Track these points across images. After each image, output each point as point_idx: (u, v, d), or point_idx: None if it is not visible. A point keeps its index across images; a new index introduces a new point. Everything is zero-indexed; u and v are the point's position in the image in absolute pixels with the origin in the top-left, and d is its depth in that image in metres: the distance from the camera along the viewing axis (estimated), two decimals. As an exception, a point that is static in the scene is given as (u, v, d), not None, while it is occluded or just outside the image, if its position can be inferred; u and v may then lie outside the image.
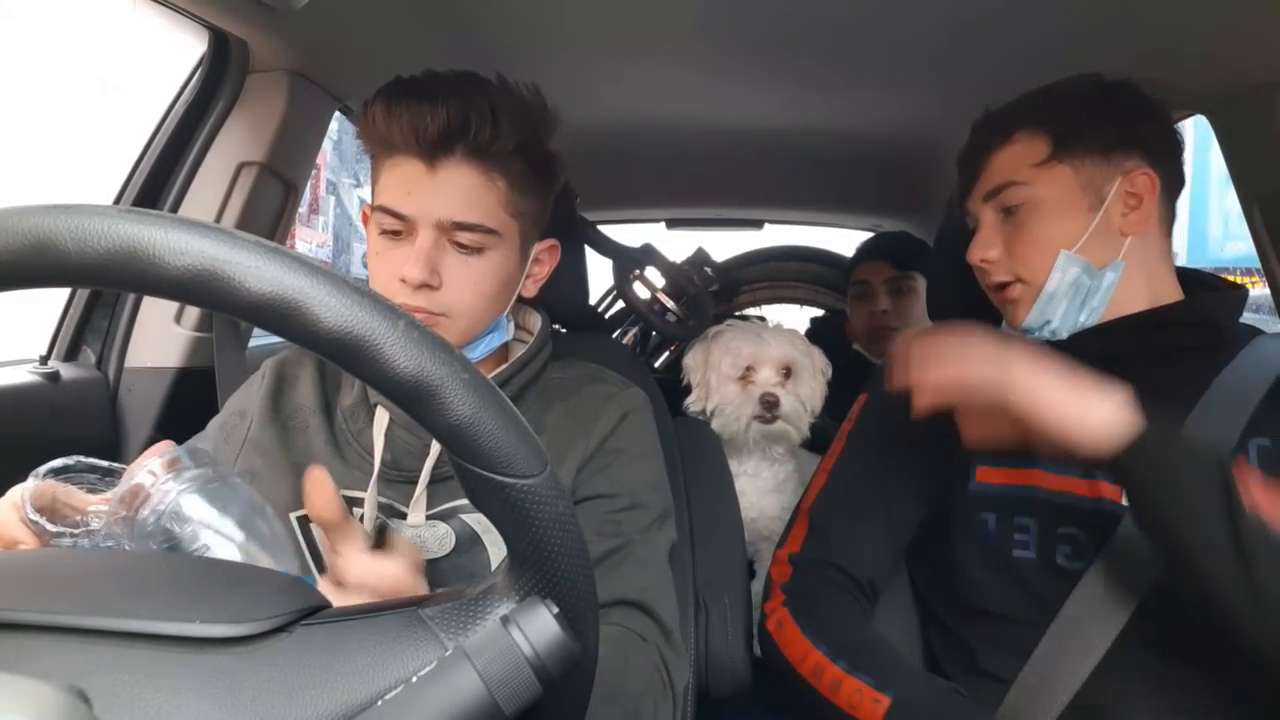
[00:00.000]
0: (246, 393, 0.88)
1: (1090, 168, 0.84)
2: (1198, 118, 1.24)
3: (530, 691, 0.35)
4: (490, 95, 0.75)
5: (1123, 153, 0.84)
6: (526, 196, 0.79)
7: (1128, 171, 0.83)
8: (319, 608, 0.39)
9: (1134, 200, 0.84)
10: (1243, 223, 1.23)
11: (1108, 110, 0.85)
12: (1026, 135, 0.86)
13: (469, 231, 0.75)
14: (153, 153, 1.18)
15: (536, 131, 0.78)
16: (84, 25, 7.04)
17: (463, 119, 0.72)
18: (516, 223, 0.79)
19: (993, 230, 0.89)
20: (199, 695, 0.34)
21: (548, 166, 0.81)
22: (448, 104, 0.72)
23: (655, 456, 0.86)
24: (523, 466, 0.35)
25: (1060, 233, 0.84)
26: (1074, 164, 0.84)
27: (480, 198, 0.75)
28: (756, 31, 1.17)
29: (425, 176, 0.74)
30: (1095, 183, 0.84)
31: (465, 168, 0.74)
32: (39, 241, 0.31)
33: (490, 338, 0.83)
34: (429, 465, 0.77)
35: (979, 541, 0.86)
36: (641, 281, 1.69)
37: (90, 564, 0.46)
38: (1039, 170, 0.85)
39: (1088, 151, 0.84)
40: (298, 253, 0.34)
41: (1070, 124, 0.84)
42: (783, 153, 1.75)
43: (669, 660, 0.73)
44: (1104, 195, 0.83)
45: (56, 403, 1.11)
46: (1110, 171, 0.84)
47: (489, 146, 0.74)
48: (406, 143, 0.73)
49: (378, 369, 0.33)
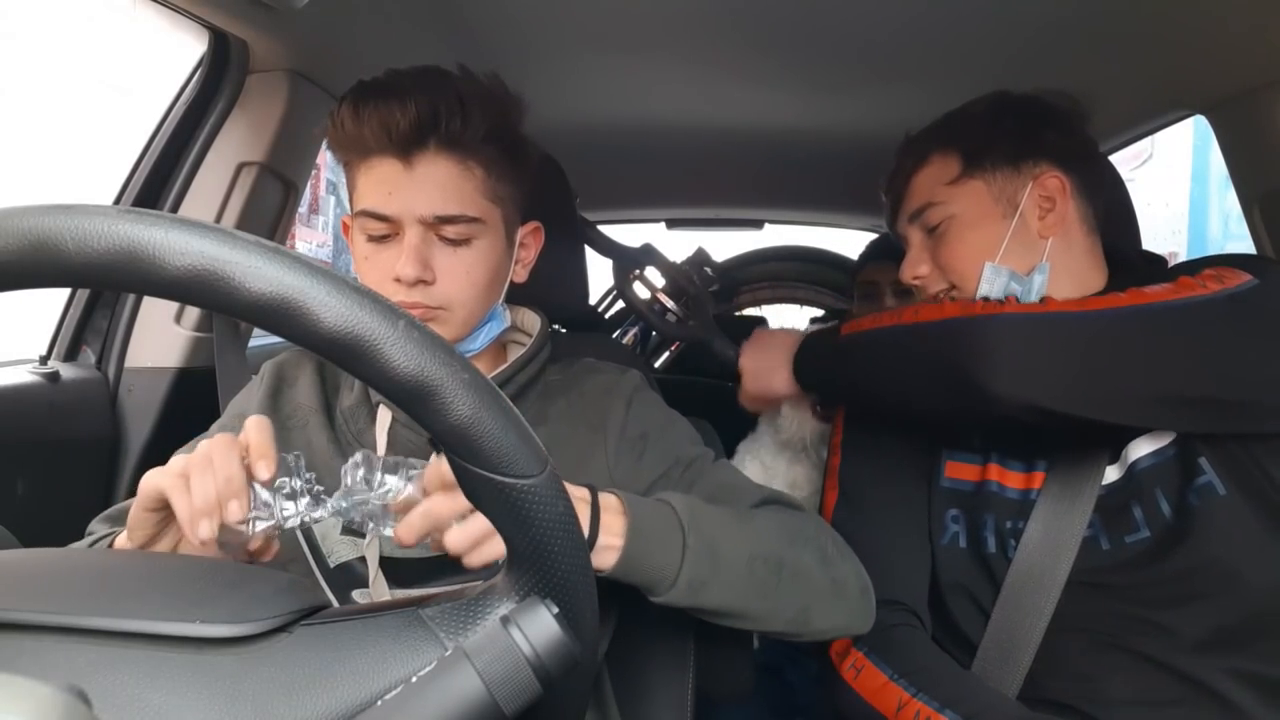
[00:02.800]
0: (246, 395, 0.89)
1: (1001, 179, 0.88)
2: (1198, 118, 1.25)
3: (530, 691, 0.35)
4: (456, 85, 0.75)
5: (1030, 160, 0.87)
6: (504, 181, 0.79)
7: (1037, 177, 0.87)
8: (319, 608, 0.39)
9: (1048, 203, 0.87)
10: (1243, 223, 1.23)
11: (1010, 123, 0.89)
12: (940, 156, 0.91)
13: (454, 224, 0.75)
14: (153, 153, 1.18)
15: (505, 115, 0.78)
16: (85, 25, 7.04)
17: (432, 112, 0.72)
18: (498, 208, 0.79)
19: (920, 249, 0.94)
20: (199, 695, 0.34)
21: (521, 150, 0.82)
22: (415, 99, 0.72)
23: (676, 418, 0.88)
24: (523, 467, 0.35)
25: (981, 243, 0.88)
26: (985, 177, 0.88)
27: (459, 188, 0.75)
28: (756, 31, 1.17)
29: (403, 174, 0.74)
30: (1008, 192, 0.88)
31: (441, 160, 0.74)
32: (39, 241, 0.31)
33: (489, 327, 0.84)
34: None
35: (947, 537, 0.89)
36: (641, 281, 1.69)
37: (90, 564, 0.46)
38: (953, 188, 0.90)
39: (996, 164, 0.88)
40: (298, 253, 0.34)
41: (977, 140, 0.89)
42: (783, 153, 1.75)
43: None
44: (1017, 202, 0.87)
45: (56, 403, 1.11)
46: (1020, 179, 0.87)
47: (461, 136, 0.74)
48: (379, 143, 0.73)
49: (378, 369, 0.33)
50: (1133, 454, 0.81)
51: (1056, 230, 0.87)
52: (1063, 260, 0.87)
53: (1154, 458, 0.79)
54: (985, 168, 0.88)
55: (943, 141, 0.92)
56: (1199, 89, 1.16)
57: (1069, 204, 0.87)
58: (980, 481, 0.88)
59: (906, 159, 0.95)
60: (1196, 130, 1.36)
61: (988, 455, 0.88)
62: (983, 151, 0.88)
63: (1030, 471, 0.86)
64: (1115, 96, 1.31)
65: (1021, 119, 0.89)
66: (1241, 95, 1.11)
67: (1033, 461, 0.86)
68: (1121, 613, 0.78)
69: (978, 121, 0.91)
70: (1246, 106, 1.11)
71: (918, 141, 0.95)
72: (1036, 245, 0.87)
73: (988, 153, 0.88)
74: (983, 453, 0.89)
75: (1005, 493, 0.86)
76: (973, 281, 0.88)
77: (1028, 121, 0.89)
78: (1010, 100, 0.92)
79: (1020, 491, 0.86)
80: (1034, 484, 0.85)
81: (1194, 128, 1.17)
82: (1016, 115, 0.90)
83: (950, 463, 0.91)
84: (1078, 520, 0.80)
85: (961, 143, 0.90)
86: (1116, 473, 0.81)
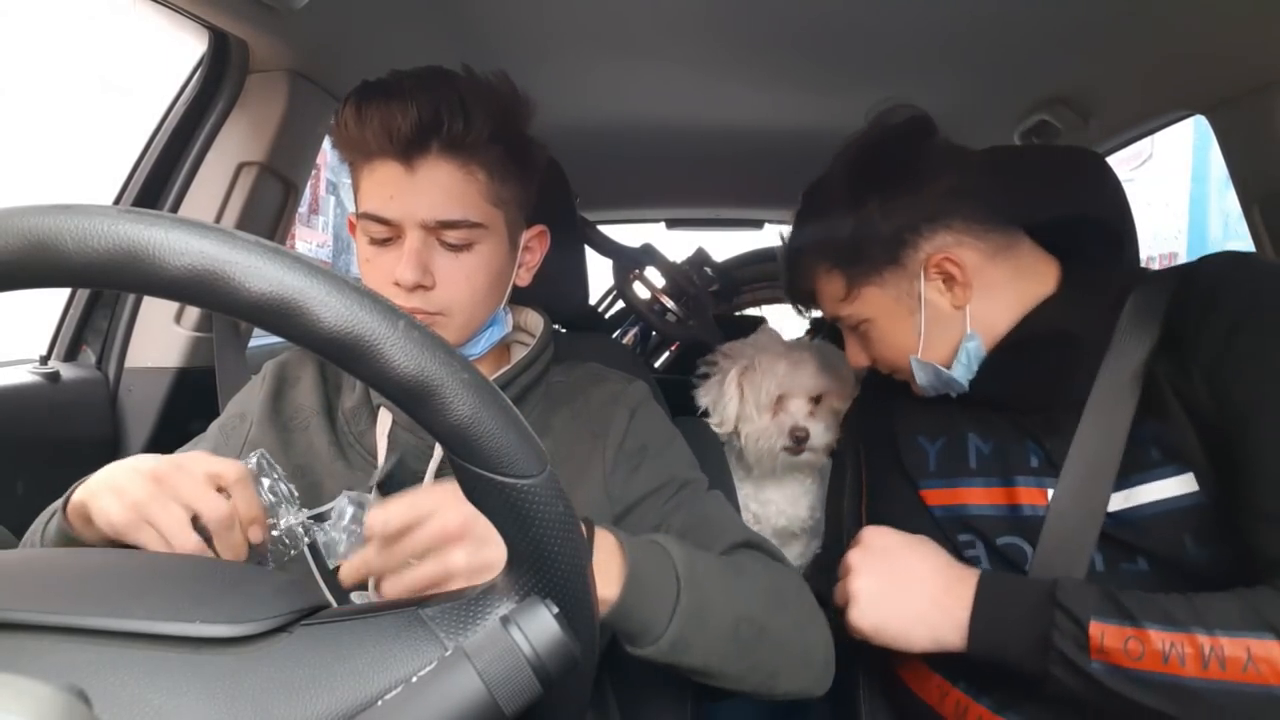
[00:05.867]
0: (247, 394, 0.88)
1: (891, 279, 0.84)
2: (1198, 118, 1.25)
3: (530, 691, 0.35)
4: (458, 87, 0.74)
5: (909, 249, 0.82)
6: (508, 184, 0.78)
7: (925, 264, 0.82)
8: (319, 608, 0.39)
9: (949, 280, 0.83)
10: (1243, 223, 1.23)
11: (873, 219, 0.82)
12: (824, 274, 0.88)
13: (455, 229, 0.75)
14: (153, 153, 1.18)
15: (509, 117, 0.77)
16: (86, 25, 7.04)
17: (433, 114, 0.72)
18: (501, 212, 0.78)
19: (853, 344, 0.92)
20: (199, 695, 0.34)
21: (526, 151, 0.81)
22: (416, 101, 0.71)
23: (677, 437, 0.88)
24: (522, 466, 0.35)
25: (901, 339, 0.86)
26: (876, 283, 0.84)
27: (461, 193, 0.75)
28: (756, 31, 1.17)
29: (404, 178, 0.73)
30: (903, 288, 0.84)
31: (443, 164, 0.74)
32: (39, 241, 0.31)
33: (490, 332, 0.83)
34: (433, 467, 0.77)
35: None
36: (641, 281, 1.69)
37: (90, 564, 0.46)
38: (850, 302, 0.87)
39: (879, 269, 0.84)
40: (298, 253, 0.34)
41: (846, 254, 0.85)
42: (783, 153, 1.74)
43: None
44: (917, 293, 0.83)
45: (56, 403, 1.11)
46: (909, 273, 0.83)
47: (464, 139, 0.73)
48: (381, 145, 0.73)
49: (377, 369, 0.33)
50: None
51: (969, 296, 0.82)
52: (989, 304, 0.83)
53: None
54: (870, 278, 0.84)
55: (818, 258, 0.88)
56: (1199, 89, 1.16)
57: (969, 260, 0.82)
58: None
59: (795, 276, 0.92)
60: (1196, 130, 1.36)
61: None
62: (858, 263, 0.84)
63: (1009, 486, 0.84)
64: (1115, 96, 1.31)
65: (881, 206, 0.82)
66: (1241, 95, 1.11)
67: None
68: None
69: (843, 233, 0.84)
70: (1246, 106, 1.11)
71: (796, 266, 0.91)
72: (956, 318, 0.83)
73: (864, 262, 0.84)
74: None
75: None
76: (907, 370, 0.87)
77: (886, 206, 0.82)
78: (857, 177, 0.84)
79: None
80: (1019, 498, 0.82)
81: (1194, 128, 1.17)
82: (874, 213, 0.82)
83: (923, 490, 0.89)
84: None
85: (835, 259, 0.86)
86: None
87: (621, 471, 0.81)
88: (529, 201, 0.84)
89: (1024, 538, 0.81)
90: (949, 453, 0.88)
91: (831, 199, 0.86)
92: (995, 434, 0.85)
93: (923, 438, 0.91)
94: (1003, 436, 0.85)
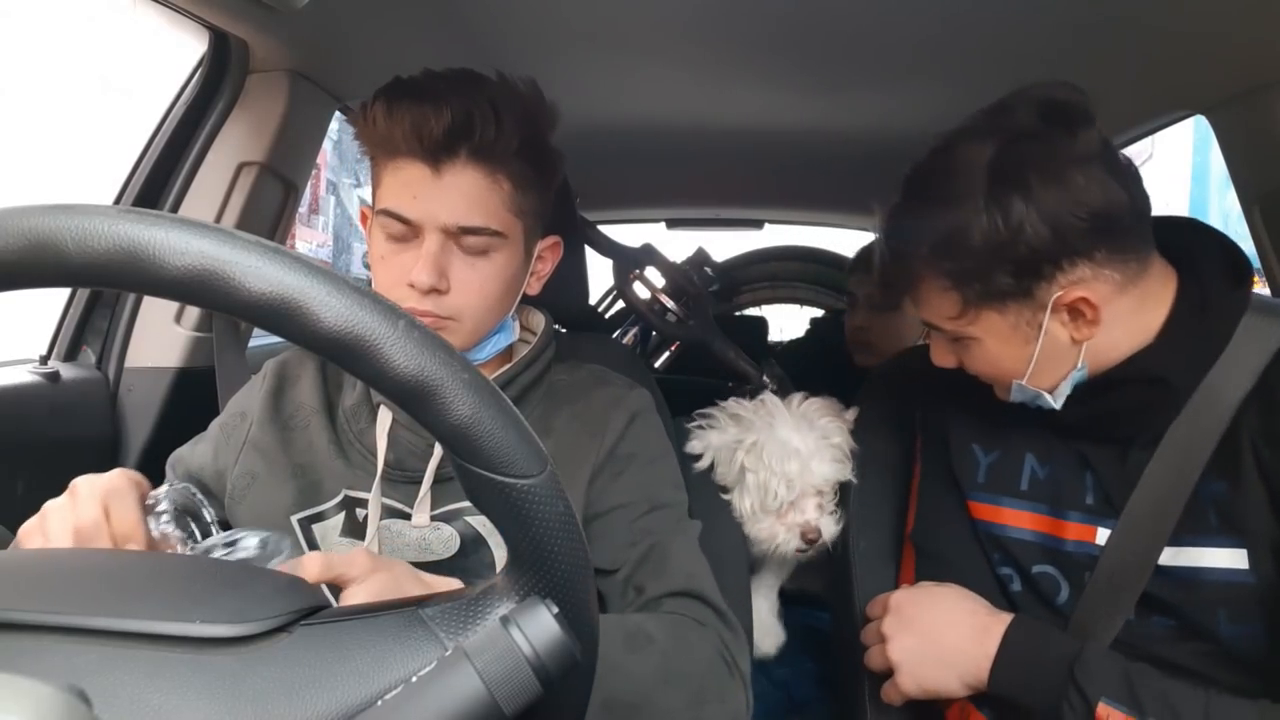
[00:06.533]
0: (247, 393, 0.88)
1: (1014, 307, 0.74)
2: (1198, 118, 1.25)
3: (530, 691, 0.35)
4: (491, 94, 0.73)
5: (1045, 285, 0.72)
6: (529, 195, 0.78)
7: (1058, 298, 0.72)
8: (319, 608, 0.39)
9: (1078, 316, 0.73)
10: (1243, 222, 1.23)
11: (1006, 251, 0.71)
12: (936, 291, 0.77)
13: (475, 235, 0.74)
14: (153, 153, 1.18)
15: (537, 127, 0.77)
16: (86, 26, 7.04)
17: (466, 119, 0.71)
18: (520, 222, 0.78)
19: (943, 349, 0.84)
20: (199, 695, 0.34)
21: (549, 162, 0.80)
22: (450, 104, 0.71)
23: (669, 455, 0.86)
24: (523, 466, 0.35)
25: (1009, 365, 0.78)
26: (996, 309, 0.75)
27: (485, 200, 0.74)
28: (756, 31, 1.17)
29: (430, 180, 0.73)
30: (1025, 316, 0.74)
31: (470, 170, 0.73)
32: (39, 241, 0.31)
33: (496, 339, 0.83)
34: (433, 465, 0.77)
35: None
36: (641, 281, 1.69)
37: (91, 564, 0.46)
38: (961, 320, 0.77)
39: (1003, 298, 0.74)
40: (298, 253, 0.34)
41: (970, 275, 0.73)
42: (783, 153, 1.74)
43: (728, 642, 0.73)
44: (1039, 323, 0.74)
45: (56, 403, 1.11)
46: (1039, 301, 0.73)
47: (493, 146, 0.73)
48: (409, 146, 0.72)
49: (378, 369, 0.33)
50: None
51: (1094, 334, 0.74)
52: (1108, 338, 0.75)
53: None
54: (991, 304, 0.74)
55: (931, 271, 0.76)
56: (1199, 89, 1.16)
57: (1102, 294, 0.72)
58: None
59: (896, 279, 0.82)
60: (1196, 130, 1.36)
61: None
62: (981, 286, 0.73)
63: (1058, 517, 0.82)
64: (1115, 96, 1.31)
65: (1021, 227, 0.69)
66: (1241, 95, 1.10)
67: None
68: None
69: (968, 250, 0.72)
70: (1246, 106, 1.11)
71: (901, 267, 0.80)
72: (1072, 352, 0.75)
73: (989, 289, 0.73)
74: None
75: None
76: (1004, 390, 0.80)
77: (1026, 226, 0.69)
78: (997, 180, 0.70)
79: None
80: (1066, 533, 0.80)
81: (1194, 128, 1.18)
82: (1014, 211, 0.69)
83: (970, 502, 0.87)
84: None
85: (955, 279, 0.75)
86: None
87: (606, 474, 0.80)
88: (546, 212, 0.83)
89: (1060, 570, 0.80)
90: (1001, 468, 0.85)
91: (957, 200, 0.72)
92: (1054, 459, 0.82)
93: (977, 446, 0.88)
94: (1062, 463, 0.82)
